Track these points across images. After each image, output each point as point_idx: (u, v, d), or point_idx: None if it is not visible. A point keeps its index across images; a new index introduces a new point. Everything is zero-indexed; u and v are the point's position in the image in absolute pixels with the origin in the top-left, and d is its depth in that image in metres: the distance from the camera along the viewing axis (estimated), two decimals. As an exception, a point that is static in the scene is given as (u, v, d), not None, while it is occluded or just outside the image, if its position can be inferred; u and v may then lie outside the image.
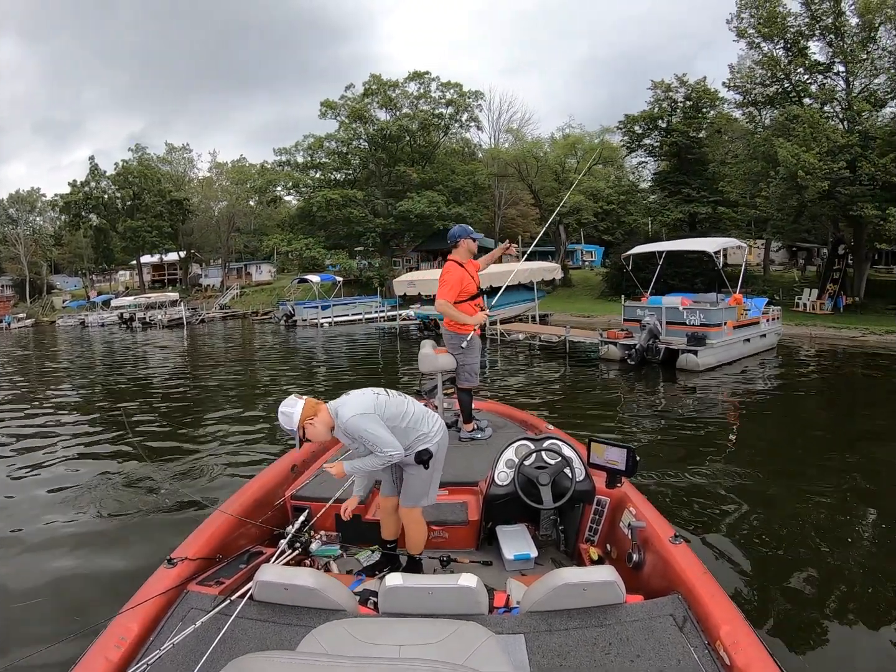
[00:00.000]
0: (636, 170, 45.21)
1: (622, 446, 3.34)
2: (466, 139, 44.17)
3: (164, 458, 7.63)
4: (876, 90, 26.13)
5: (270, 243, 42.76)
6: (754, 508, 5.62)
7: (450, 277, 5.11)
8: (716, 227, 33.11)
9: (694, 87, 33.88)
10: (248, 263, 59.42)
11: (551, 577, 2.47)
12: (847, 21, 25.75)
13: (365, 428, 2.96)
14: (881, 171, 22.98)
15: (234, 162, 55.38)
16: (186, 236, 55.05)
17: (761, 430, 9.23)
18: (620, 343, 15.41)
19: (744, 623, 2.28)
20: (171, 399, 12.51)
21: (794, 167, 23.31)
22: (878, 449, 7.81)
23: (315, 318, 31.89)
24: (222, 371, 16.82)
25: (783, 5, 26.76)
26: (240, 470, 6.99)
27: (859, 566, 4.47)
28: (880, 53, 25.72)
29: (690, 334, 14.39)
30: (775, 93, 28.27)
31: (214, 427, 9.52)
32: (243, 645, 2.30)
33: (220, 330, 34.32)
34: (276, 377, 15.37)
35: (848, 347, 19.61)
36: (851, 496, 5.97)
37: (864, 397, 12.39)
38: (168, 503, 5.85)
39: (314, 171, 43.05)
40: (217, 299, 48.34)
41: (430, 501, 3.37)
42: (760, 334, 16.88)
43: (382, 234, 40.24)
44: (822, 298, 27.07)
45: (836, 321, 23.94)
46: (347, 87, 41.51)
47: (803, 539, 4.94)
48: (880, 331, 21.52)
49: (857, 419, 10.21)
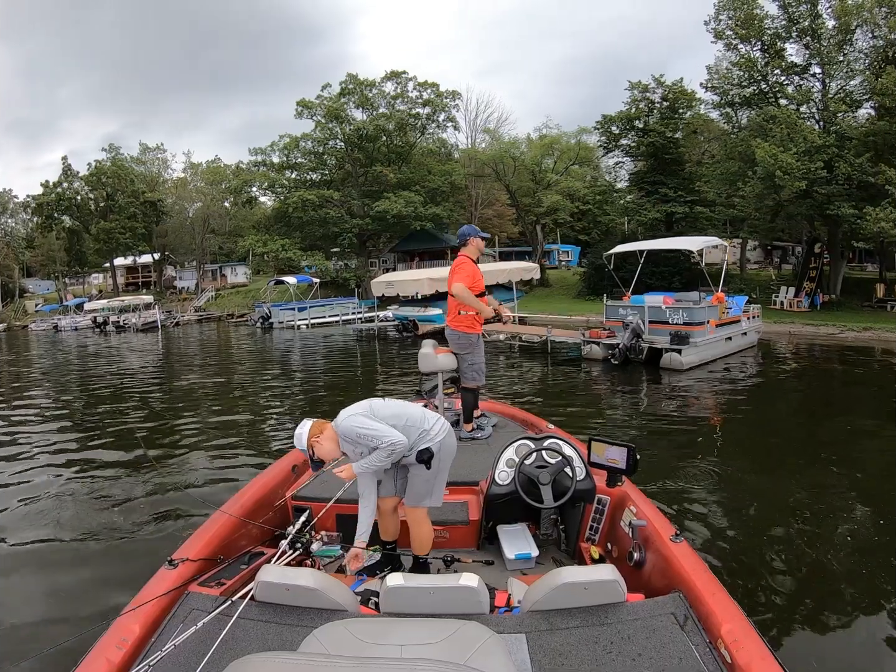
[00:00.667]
0: (613, 170, 45.23)
1: (623, 445, 3.32)
2: (443, 139, 43.80)
3: (140, 465, 7.35)
4: (852, 91, 26.31)
5: (246, 244, 41.99)
6: (752, 507, 5.58)
7: (466, 268, 5.16)
8: (692, 227, 33.12)
9: (671, 87, 33.80)
10: (223, 265, 58.40)
11: (552, 577, 2.46)
12: (824, 24, 25.92)
13: (357, 425, 2.99)
14: (857, 171, 23.08)
15: (208, 162, 54.58)
16: (160, 238, 53.89)
17: (749, 427, 9.19)
18: (603, 343, 15.34)
19: (745, 621, 2.26)
20: (145, 405, 11.91)
21: (771, 167, 23.34)
22: (869, 443, 7.85)
23: (292, 320, 31.33)
24: (198, 376, 16.20)
25: (760, 7, 26.94)
26: (223, 473, 6.88)
27: (859, 562, 4.46)
28: (856, 55, 25.92)
29: (674, 333, 14.24)
30: (752, 94, 28.40)
31: (191, 433, 9.16)
32: (245, 646, 2.28)
33: (195, 333, 33.51)
34: (254, 381, 14.82)
35: (827, 344, 19.68)
36: (849, 493, 5.93)
37: (848, 393, 12.38)
38: (165, 506, 5.79)
39: (290, 171, 42.34)
40: (192, 302, 47.50)
41: (434, 503, 3.32)
42: (742, 332, 16.97)
43: (359, 234, 39.73)
44: (799, 296, 27.25)
45: (813, 318, 24.06)
46: (324, 86, 40.90)
47: (802, 538, 4.93)
48: (858, 328, 21.64)
49: (841, 415, 10.09)
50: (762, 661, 2.02)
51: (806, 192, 23.84)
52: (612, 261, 17.57)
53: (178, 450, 8.13)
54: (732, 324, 16.39)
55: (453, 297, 5.27)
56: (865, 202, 23.03)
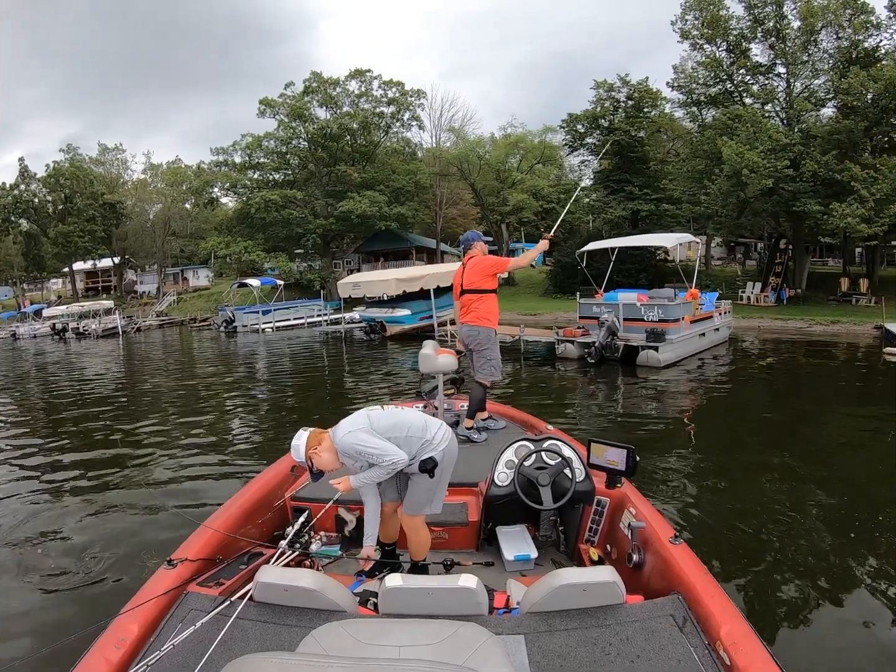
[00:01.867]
0: (578, 168, 45.11)
1: (622, 447, 3.28)
2: (407, 139, 43.05)
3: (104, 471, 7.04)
4: (816, 91, 26.64)
5: (208, 247, 40.70)
6: (751, 507, 5.45)
7: (494, 258, 5.53)
8: (657, 224, 33.33)
9: (636, 87, 33.88)
10: (184, 268, 56.42)
11: (551, 578, 2.43)
12: (789, 24, 26.20)
13: (358, 442, 2.90)
14: (823, 168, 23.24)
15: (169, 163, 52.74)
16: (120, 241, 51.94)
17: (736, 423, 9.15)
18: (578, 341, 14.88)
19: (744, 623, 2.23)
20: (105, 416, 10.93)
21: (738, 165, 23.45)
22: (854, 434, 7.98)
23: (256, 323, 30.25)
24: (161, 383, 15.20)
25: (726, 8, 27.19)
26: (192, 484, 6.50)
27: (859, 563, 4.37)
28: (821, 56, 26.22)
29: (649, 330, 13.97)
30: (718, 93, 28.63)
31: (157, 441, 8.62)
32: (243, 646, 2.27)
33: (157, 339, 32.07)
34: (219, 388, 13.75)
35: (796, 338, 19.88)
36: (847, 492, 5.79)
37: (821, 384, 12.54)
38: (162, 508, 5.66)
39: (252, 171, 41.06)
40: (153, 306, 45.74)
41: (433, 510, 3.22)
42: (714, 328, 17.02)
43: (323, 235, 38.76)
44: (765, 291, 27.54)
45: (781, 313, 24.35)
46: (287, 84, 39.77)
47: (801, 536, 4.87)
48: (826, 321, 21.93)
49: (822, 405, 10.33)
50: (761, 664, 2.00)
51: (772, 190, 23.97)
52: (585, 258, 17.08)
53: (140, 458, 7.68)
54: (705, 320, 16.39)
55: (471, 295, 5.34)
56: (831, 198, 23.28)
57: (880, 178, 22.28)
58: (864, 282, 26.90)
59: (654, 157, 35.52)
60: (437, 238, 43.51)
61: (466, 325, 5.36)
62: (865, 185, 22.25)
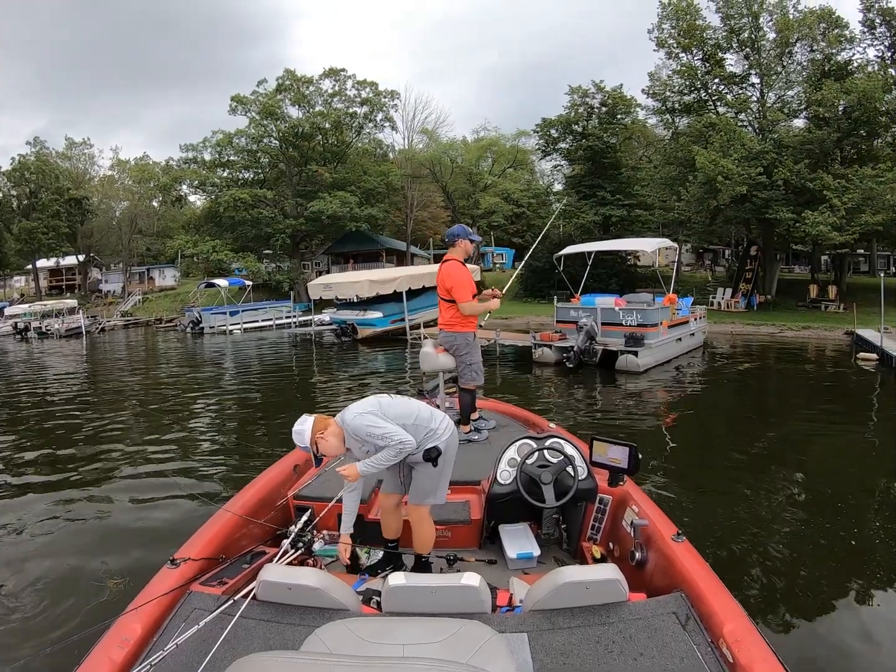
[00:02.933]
0: (551, 173, 45.00)
1: (624, 444, 3.25)
2: (378, 140, 42.21)
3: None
4: (790, 102, 26.99)
5: (175, 246, 39.32)
6: (749, 506, 5.47)
7: (465, 277, 5.05)
8: (628, 230, 33.25)
9: (610, 93, 33.82)
10: (150, 268, 54.29)
11: (554, 576, 2.40)
12: (764, 35, 26.51)
13: (368, 423, 2.89)
14: (795, 177, 23.43)
15: (137, 160, 50.81)
16: (85, 239, 49.88)
17: (722, 424, 9.25)
18: (555, 345, 14.44)
19: (747, 621, 2.19)
20: (63, 421, 10.21)
21: (712, 172, 23.56)
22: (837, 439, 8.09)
23: (223, 324, 29.23)
24: (123, 387, 14.31)
25: (703, 18, 27.36)
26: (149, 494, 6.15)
27: (860, 560, 4.37)
28: (795, 67, 26.56)
29: (628, 335, 13.71)
30: (692, 101, 28.78)
31: (119, 449, 8.16)
32: (247, 645, 2.23)
33: (122, 339, 30.71)
34: (185, 392, 13.13)
35: (769, 343, 19.90)
36: (847, 490, 5.84)
37: (801, 388, 12.55)
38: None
39: (222, 169, 39.69)
40: (118, 306, 44.02)
41: (438, 501, 3.22)
42: (690, 333, 16.87)
43: (292, 235, 37.71)
44: (735, 297, 27.65)
45: (752, 318, 24.45)
46: (259, 82, 38.51)
47: (803, 534, 4.87)
48: (797, 326, 22.05)
49: (805, 408, 10.37)
50: (764, 661, 1.98)
51: (744, 197, 24.10)
52: (563, 262, 16.65)
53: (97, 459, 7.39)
54: (682, 325, 16.05)
55: (445, 302, 5.14)
56: (802, 207, 23.48)
57: (851, 188, 22.52)
58: (833, 288, 27.19)
59: (626, 163, 35.51)
60: (407, 240, 42.93)
61: (444, 332, 5.23)
62: (837, 193, 22.48)
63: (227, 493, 5.61)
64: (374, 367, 16.70)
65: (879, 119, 24.15)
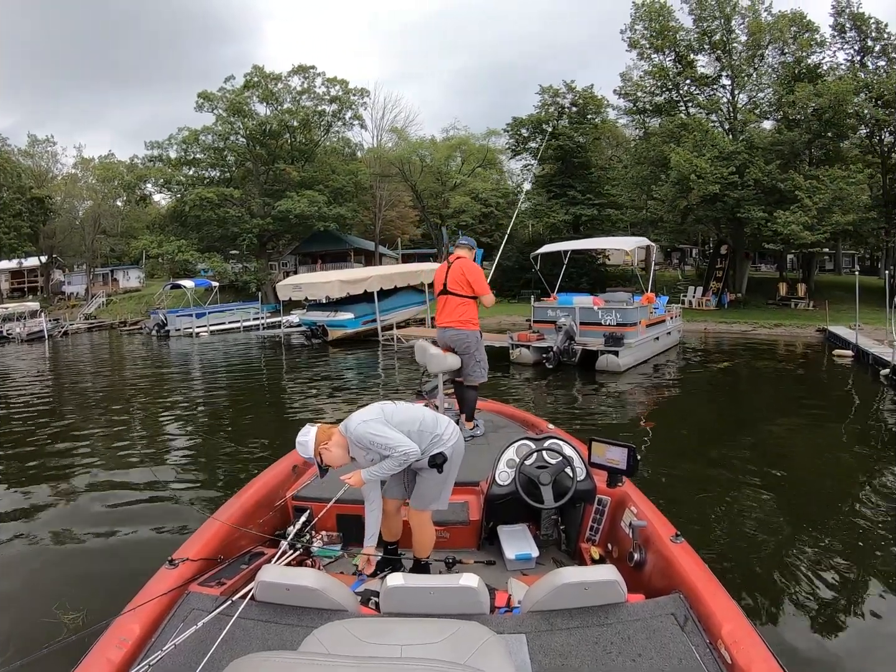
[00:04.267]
0: (521, 172, 44.58)
1: (623, 445, 3.21)
2: (347, 139, 41.16)
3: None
4: (761, 103, 27.12)
5: (139, 246, 37.75)
6: (748, 506, 5.39)
7: (481, 274, 5.19)
8: (598, 229, 33.00)
9: (581, 93, 33.52)
10: (114, 269, 52.39)
11: (552, 577, 2.39)
12: (737, 38, 26.62)
13: (372, 432, 2.82)
14: (767, 177, 23.47)
15: (101, 158, 48.60)
16: (48, 239, 47.54)
17: (714, 424, 9.05)
18: (533, 346, 13.84)
19: (745, 622, 2.17)
20: (20, 429, 9.62)
21: (686, 171, 23.47)
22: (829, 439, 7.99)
23: (189, 327, 28.02)
24: (88, 392, 13.44)
25: (675, 20, 27.36)
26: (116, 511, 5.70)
27: (861, 562, 4.28)
28: (766, 69, 26.71)
29: (608, 335, 13.32)
30: (663, 101, 28.77)
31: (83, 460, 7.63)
32: (245, 645, 2.21)
33: (85, 343, 29.21)
34: (152, 398, 12.29)
35: (743, 341, 19.81)
36: (846, 489, 5.83)
37: (780, 385, 12.53)
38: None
39: (188, 167, 38.14)
40: (82, 309, 42.14)
41: (441, 506, 3.14)
42: (667, 332, 16.59)
43: (259, 235, 36.45)
44: (706, 295, 27.59)
45: (724, 316, 24.41)
46: (227, 78, 37.09)
47: (802, 534, 4.80)
48: (769, 324, 22.04)
49: (788, 404, 10.35)
50: (762, 663, 1.95)
51: (716, 196, 24.05)
52: (539, 261, 16.10)
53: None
54: (659, 324, 15.76)
55: (456, 298, 5.17)
56: (773, 206, 23.50)
57: (822, 188, 22.58)
58: (802, 286, 27.32)
59: (596, 163, 35.23)
60: (375, 240, 42.05)
61: (452, 329, 5.15)
62: (808, 193, 22.54)
63: (196, 498, 5.65)
64: (346, 369, 15.95)
65: (847, 121, 24.37)
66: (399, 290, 22.31)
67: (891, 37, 25.36)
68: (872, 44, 25.83)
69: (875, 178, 25.96)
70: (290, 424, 9.16)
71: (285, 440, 7.00)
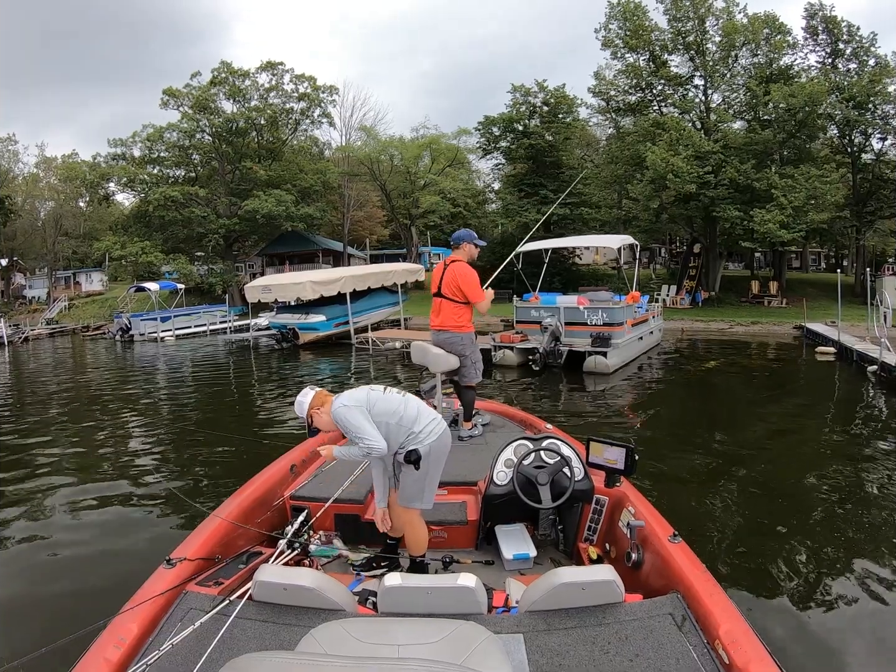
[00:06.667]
0: (490, 172, 43.90)
1: (621, 445, 3.17)
2: (315, 137, 39.81)
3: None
4: (734, 103, 27.00)
5: (102, 247, 35.70)
6: (747, 507, 5.26)
7: (474, 279, 5.07)
8: (570, 228, 32.33)
9: (553, 92, 32.76)
10: (77, 272, 50.23)
11: (550, 577, 2.33)
12: (710, 39, 26.43)
13: (346, 417, 2.85)
14: (742, 176, 23.25)
15: (64, 157, 46.37)
16: (8, 241, 45.57)
17: (713, 423, 8.78)
18: (518, 347, 12.98)
19: (743, 622, 2.11)
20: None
21: (663, 170, 23.07)
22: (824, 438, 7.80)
23: (154, 331, 26.35)
24: (49, 402, 12.28)
25: (650, 19, 26.99)
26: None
27: (858, 560, 4.15)
28: (739, 70, 26.55)
29: (595, 335, 12.74)
30: (637, 101, 28.43)
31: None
32: (242, 645, 2.17)
33: (47, 350, 27.00)
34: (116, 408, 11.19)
35: (722, 339, 19.56)
36: (845, 488, 5.70)
37: (770, 381, 12.41)
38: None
39: (152, 166, 36.30)
40: (43, 313, 39.97)
41: (424, 505, 3.07)
42: (650, 331, 15.86)
43: (226, 236, 34.84)
44: (680, 294, 27.25)
45: (699, 314, 24.20)
46: (193, 74, 35.33)
47: (800, 534, 4.67)
48: (746, 322, 21.83)
49: (781, 399, 10.29)
50: (760, 662, 1.90)
51: (691, 195, 23.76)
52: (521, 260, 15.19)
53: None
54: (643, 323, 15.18)
55: (450, 302, 5.07)
56: (748, 205, 23.28)
57: (797, 187, 22.39)
58: (774, 284, 27.16)
59: (567, 162, 34.63)
60: (343, 241, 40.74)
61: (445, 332, 5.09)
62: (784, 192, 22.30)
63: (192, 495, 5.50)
64: (319, 373, 14.84)
65: (818, 122, 24.29)
66: (372, 290, 21.26)
67: (862, 39, 25.43)
68: (844, 46, 25.94)
69: (845, 177, 25.93)
70: (262, 427, 8.81)
71: (256, 447, 7.01)
